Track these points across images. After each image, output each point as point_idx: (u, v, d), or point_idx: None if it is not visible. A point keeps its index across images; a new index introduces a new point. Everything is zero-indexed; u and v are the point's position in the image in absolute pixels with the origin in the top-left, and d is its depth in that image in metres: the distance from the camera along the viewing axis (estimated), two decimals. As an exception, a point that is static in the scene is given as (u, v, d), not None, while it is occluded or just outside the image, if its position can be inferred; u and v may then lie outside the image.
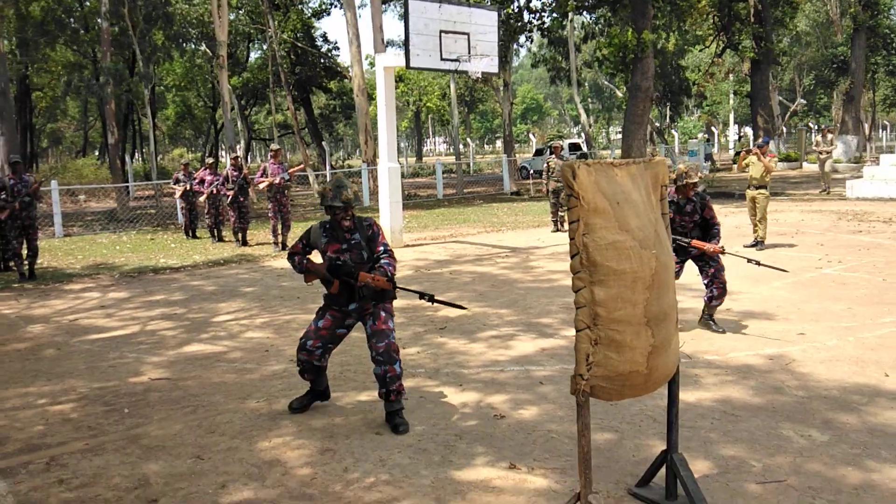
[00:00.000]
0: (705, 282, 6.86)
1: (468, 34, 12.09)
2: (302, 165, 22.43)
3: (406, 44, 11.62)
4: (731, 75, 39.18)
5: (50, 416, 5.22)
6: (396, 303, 5.17)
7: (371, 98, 29.74)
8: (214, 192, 15.17)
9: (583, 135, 37.08)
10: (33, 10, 31.03)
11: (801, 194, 21.06)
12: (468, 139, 56.41)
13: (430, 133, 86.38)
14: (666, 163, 3.66)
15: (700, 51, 42.71)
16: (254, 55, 47.38)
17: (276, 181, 13.15)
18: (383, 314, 4.81)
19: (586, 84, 51.12)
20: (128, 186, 27.67)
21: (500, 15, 13.29)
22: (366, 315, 4.85)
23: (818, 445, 4.28)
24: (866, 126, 44.21)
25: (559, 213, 15.26)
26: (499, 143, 75.11)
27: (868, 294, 8.21)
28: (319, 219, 19.86)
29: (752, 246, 11.88)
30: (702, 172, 18.01)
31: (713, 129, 62.23)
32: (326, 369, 5.11)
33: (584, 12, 26.55)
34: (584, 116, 33.46)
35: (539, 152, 40.32)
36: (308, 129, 49.06)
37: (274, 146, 13.83)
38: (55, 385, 5.98)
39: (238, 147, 28.72)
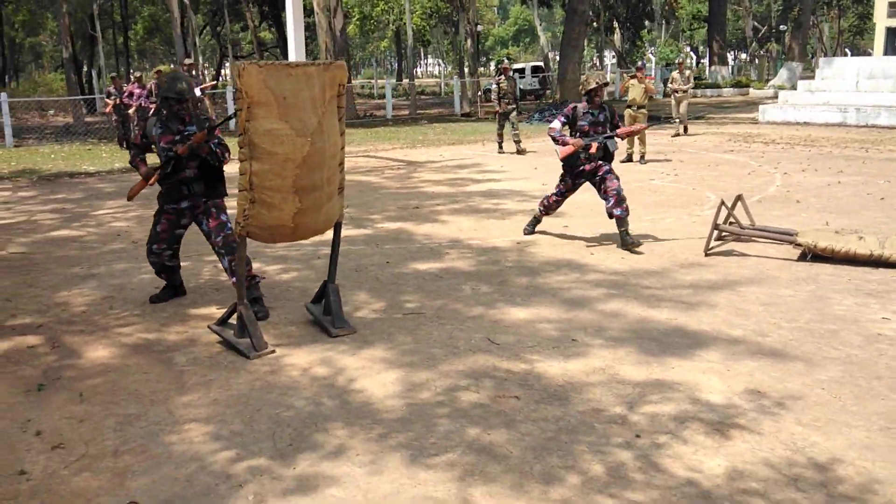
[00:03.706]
0: (602, 196, 6.84)
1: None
2: (214, 83, 23.14)
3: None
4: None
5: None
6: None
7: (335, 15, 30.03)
8: (142, 104, 16.17)
9: (542, 57, 37.42)
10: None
11: (720, 117, 22.09)
12: (440, 62, 56.28)
13: (422, 54, 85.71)
14: (344, 66, 4.73)
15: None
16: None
17: (188, 95, 14.11)
18: (214, 210, 5.17)
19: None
20: (93, 99, 28.46)
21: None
22: (198, 214, 5.20)
23: (478, 294, 5.58)
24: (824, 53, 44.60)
25: (516, 135, 14.98)
26: (492, 66, 74.28)
27: (665, 199, 9.44)
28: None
29: (628, 161, 13.05)
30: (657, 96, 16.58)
31: (692, 54, 62.07)
32: (179, 268, 5.57)
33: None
34: (542, 39, 33.89)
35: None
36: (279, 47, 49.27)
37: (187, 60, 14.78)
38: (-71, 256, 7.24)
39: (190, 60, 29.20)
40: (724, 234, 6.76)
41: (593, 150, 6.79)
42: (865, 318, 4.81)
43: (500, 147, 15.48)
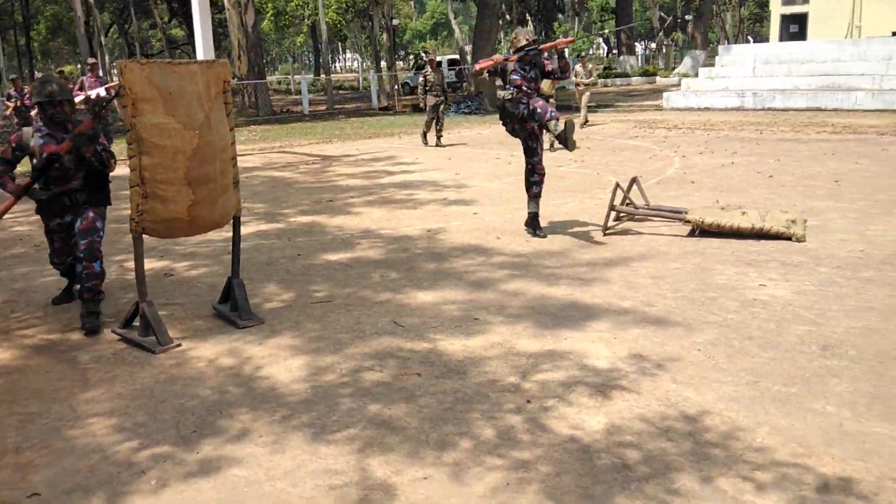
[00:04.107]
0: (528, 167, 6.88)
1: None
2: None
3: (201, -39, 12.28)
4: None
5: None
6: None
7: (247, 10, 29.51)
8: (44, 106, 15.62)
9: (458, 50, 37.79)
10: None
11: (627, 105, 22.85)
12: (358, 56, 56.25)
13: (340, 49, 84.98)
14: (227, 64, 4.86)
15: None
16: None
17: (93, 96, 13.75)
18: (91, 214, 4.95)
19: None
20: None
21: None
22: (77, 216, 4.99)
23: (386, 281, 5.73)
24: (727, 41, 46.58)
25: (439, 129, 15.00)
26: (412, 60, 74.28)
27: (570, 184, 9.79)
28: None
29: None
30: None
31: (604, 45, 63.64)
32: None
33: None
34: (457, 32, 34.20)
35: (420, 67, 41.12)
36: (191, 44, 48.04)
37: (91, 60, 14.35)
38: None
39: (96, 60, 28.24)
40: (621, 214, 7.11)
41: (514, 58, 6.58)
42: (743, 286, 5.19)
43: (425, 139, 15.31)
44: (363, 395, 3.70)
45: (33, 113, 15.98)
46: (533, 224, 7.00)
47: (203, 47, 14.34)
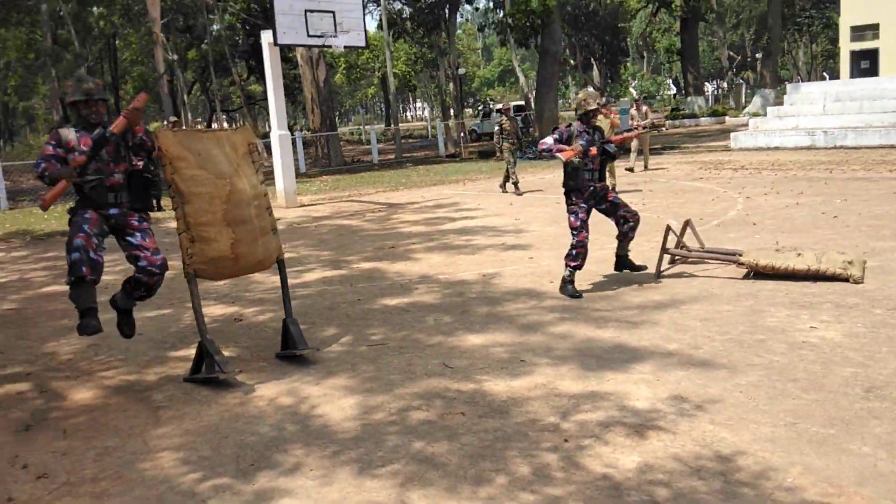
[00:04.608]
0: (621, 221, 6.72)
1: (333, 12, 13.56)
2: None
3: (273, 23, 13.10)
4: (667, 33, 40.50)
5: None
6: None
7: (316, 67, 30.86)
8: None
9: (523, 98, 38.35)
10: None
11: (694, 146, 22.70)
12: (424, 104, 57.84)
13: (410, 99, 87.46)
14: (250, 129, 5.52)
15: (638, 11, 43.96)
16: (216, 26, 48.22)
17: (174, 150, 14.65)
18: (151, 234, 5.01)
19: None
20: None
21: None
22: (127, 228, 4.92)
23: (440, 324, 5.95)
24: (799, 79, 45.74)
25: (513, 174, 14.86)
26: (480, 107, 75.45)
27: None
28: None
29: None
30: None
31: (673, 86, 63.26)
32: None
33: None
34: (522, 79, 34.77)
35: (486, 115, 41.93)
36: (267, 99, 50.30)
37: (172, 118, 15.34)
38: (-75, 316, 7.60)
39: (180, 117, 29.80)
40: (675, 257, 7.16)
41: (594, 152, 6.54)
42: (794, 328, 5.18)
43: (516, 187, 14.90)
44: (409, 433, 3.91)
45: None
46: (632, 263, 6.83)
47: (275, 103, 15.15)
